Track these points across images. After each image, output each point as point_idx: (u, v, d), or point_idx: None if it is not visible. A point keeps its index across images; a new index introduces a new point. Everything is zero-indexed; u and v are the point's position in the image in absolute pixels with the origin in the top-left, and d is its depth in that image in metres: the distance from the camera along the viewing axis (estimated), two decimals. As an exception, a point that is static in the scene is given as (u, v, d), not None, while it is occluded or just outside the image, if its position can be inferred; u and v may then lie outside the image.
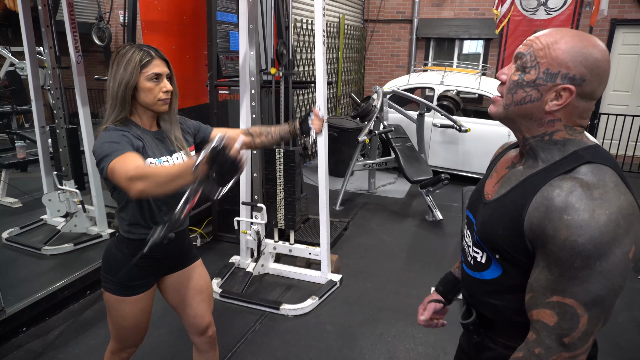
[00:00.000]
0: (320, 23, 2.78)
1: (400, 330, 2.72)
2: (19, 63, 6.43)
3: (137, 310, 1.64)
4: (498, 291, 1.00)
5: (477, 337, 1.10)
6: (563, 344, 0.86)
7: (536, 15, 7.28)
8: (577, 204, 0.82)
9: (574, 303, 0.84)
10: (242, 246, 3.35)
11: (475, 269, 1.06)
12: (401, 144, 4.94)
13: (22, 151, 4.74)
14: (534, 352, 0.89)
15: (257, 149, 1.78)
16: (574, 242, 0.81)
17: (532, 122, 0.94)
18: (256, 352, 2.51)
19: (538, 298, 0.88)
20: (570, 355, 0.87)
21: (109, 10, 8.20)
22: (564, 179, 0.87)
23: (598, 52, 0.87)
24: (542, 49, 0.89)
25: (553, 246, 0.84)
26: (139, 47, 1.48)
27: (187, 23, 3.69)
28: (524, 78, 0.91)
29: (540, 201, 0.87)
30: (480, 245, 1.02)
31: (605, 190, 0.83)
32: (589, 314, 0.84)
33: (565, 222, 0.82)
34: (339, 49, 7.20)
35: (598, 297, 0.83)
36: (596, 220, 0.80)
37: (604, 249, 0.80)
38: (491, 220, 0.98)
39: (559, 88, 0.88)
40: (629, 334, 2.74)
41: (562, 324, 0.85)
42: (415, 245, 3.98)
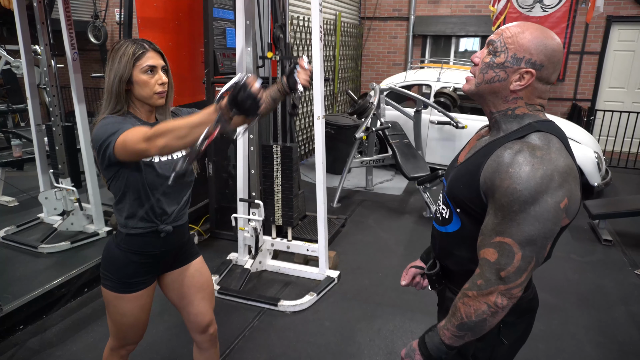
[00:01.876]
0: (317, 20, 2.78)
1: (398, 326, 2.73)
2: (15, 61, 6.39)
3: (137, 307, 1.63)
4: (457, 242, 1.17)
5: (439, 286, 1.29)
6: (500, 277, 1.01)
7: (532, 12, 7.30)
8: (521, 160, 0.98)
9: (511, 242, 0.99)
10: (240, 243, 3.35)
11: (441, 224, 1.22)
12: (398, 140, 4.95)
13: (18, 150, 4.73)
14: (476, 283, 1.04)
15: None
16: (514, 189, 0.97)
17: (498, 99, 1.10)
18: (255, 348, 2.51)
19: (485, 239, 1.04)
20: (505, 288, 1.01)
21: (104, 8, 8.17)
22: (516, 142, 1.03)
23: (555, 44, 1.04)
24: (510, 37, 1.05)
25: (498, 194, 1.00)
26: (133, 41, 1.48)
27: (183, 20, 3.68)
28: (495, 61, 1.07)
29: (494, 159, 1.03)
30: (447, 201, 1.18)
31: (547, 152, 0.99)
32: (523, 251, 0.98)
33: (509, 174, 0.98)
34: (335, 46, 7.19)
35: (531, 237, 0.97)
36: (534, 173, 0.96)
37: (537, 197, 0.96)
38: (456, 178, 1.15)
39: (522, 71, 1.04)
40: (625, 327, 2.76)
41: (500, 259, 1.00)
42: (412, 242, 3.99)
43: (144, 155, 1.34)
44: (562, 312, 2.91)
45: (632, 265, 3.58)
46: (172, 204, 1.59)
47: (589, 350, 2.55)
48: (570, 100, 7.58)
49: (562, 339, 2.64)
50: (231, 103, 1.15)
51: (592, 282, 3.32)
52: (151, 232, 1.56)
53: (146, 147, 1.28)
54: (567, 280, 3.33)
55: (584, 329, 2.73)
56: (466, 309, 1.05)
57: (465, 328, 1.06)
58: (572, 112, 7.30)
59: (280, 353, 2.48)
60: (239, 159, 3.17)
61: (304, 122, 6.42)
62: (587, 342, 2.62)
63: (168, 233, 1.59)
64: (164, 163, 1.53)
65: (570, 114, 7.33)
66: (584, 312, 2.92)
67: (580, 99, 7.54)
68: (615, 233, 4.17)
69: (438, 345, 1.11)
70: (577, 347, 2.58)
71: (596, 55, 7.34)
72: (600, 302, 3.04)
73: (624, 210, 4.00)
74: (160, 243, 1.60)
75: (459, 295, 1.08)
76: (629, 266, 3.57)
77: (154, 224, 1.56)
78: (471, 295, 1.05)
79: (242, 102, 1.14)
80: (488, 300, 1.02)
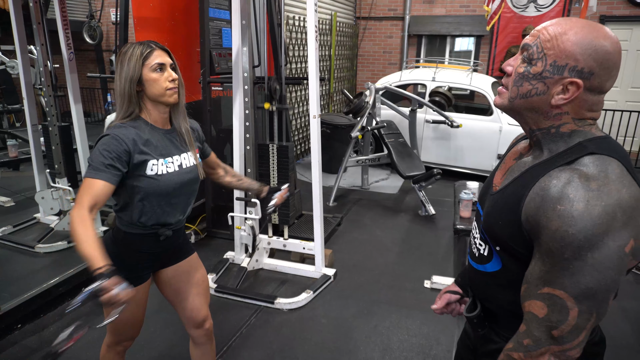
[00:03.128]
0: (312, 19, 2.80)
1: (394, 322, 2.76)
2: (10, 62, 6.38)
3: (133, 303, 1.63)
4: (500, 284, 1.00)
5: (482, 330, 1.09)
6: (552, 336, 0.85)
7: (526, 12, 7.36)
8: (572, 195, 0.80)
9: (564, 295, 0.82)
10: (237, 242, 3.37)
11: (479, 262, 1.05)
12: (394, 139, 4.98)
13: (13, 150, 4.73)
14: (523, 343, 0.89)
15: (225, 185, 1.93)
16: (564, 232, 0.79)
17: (538, 115, 0.92)
18: (252, 345, 2.53)
19: (530, 289, 0.87)
20: (559, 349, 0.85)
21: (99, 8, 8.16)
22: (564, 169, 0.85)
23: (609, 45, 0.84)
24: (549, 40, 0.86)
25: (545, 236, 0.83)
26: (139, 43, 1.50)
27: (179, 20, 3.69)
28: (530, 70, 0.89)
29: (537, 192, 0.86)
30: (484, 237, 1.02)
31: (605, 182, 0.80)
32: (579, 307, 0.82)
33: (557, 212, 0.80)
34: (331, 46, 7.22)
35: (589, 290, 0.80)
36: (590, 211, 0.78)
37: (595, 240, 0.78)
38: (493, 210, 0.97)
39: (566, 82, 0.86)
40: (617, 322, 2.80)
41: (551, 316, 0.84)
42: (408, 240, 4.02)
43: None
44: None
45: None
46: (177, 214, 1.63)
47: (581, 345, 2.59)
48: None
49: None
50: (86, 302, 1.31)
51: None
52: (151, 234, 1.59)
53: (72, 212, 1.38)
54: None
55: (577, 325, 2.77)
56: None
57: None
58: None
59: (277, 350, 2.50)
60: (235, 158, 3.19)
61: (299, 122, 6.44)
62: (579, 337, 2.66)
63: (168, 237, 1.62)
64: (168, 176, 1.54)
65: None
66: (577, 308, 2.95)
67: (574, 98, 7.59)
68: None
69: None
70: (570, 342, 2.61)
71: (589, 55, 7.39)
72: (593, 298, 3.08)
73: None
74: (159, 244, 1.63)
75: (502, 357, 0.94)
76: (621, 263, 3.61)
77: (155, 229, 1.59)
78: (517, 357, 0.90)
79: (84, 302, 1.31)
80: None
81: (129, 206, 1.53)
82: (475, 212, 1.13)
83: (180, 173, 1.58)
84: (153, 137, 1.52)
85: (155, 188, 1.51)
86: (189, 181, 1.62)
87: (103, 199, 1.40)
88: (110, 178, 1.41)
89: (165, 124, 1.58)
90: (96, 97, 9.52)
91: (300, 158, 6.56)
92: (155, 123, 1.55)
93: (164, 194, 1.54)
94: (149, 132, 1.52)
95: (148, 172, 1.49)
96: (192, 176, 1.63)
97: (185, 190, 1.62)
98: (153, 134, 1.53)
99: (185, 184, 1.60)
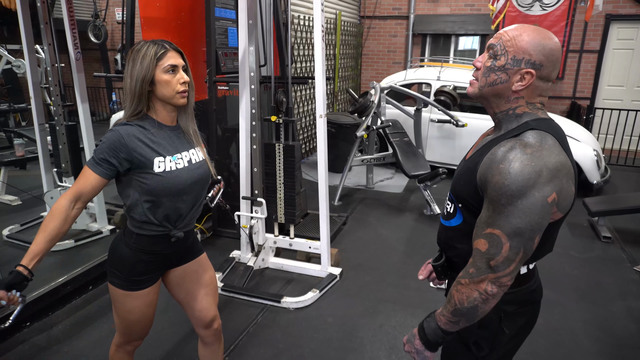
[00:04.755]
0: (319, 19, 2.80)
1: (400, 321, 2.76)
2: (16, 61, 6.42)
3: (144, 304, 1.65)
4: (459, 236, 1.22)
5: (445, 277, 1.35)
6: (490, 266, 1.06)
7: (531, 11, 7.33)
8: (511, 157, 1.03)
9: (500, 233, 1.05)
10: (243, 241, 3.38)
11: (446, 218, 1.29)
12: (399, 139, 4.98)
13: (20, 149, 4.75)
14: (469, 271, 1.11)
15: None
16: (502, 184, 1.03)
17: (501, 100, 1.15)
18: (258, 344, 2.55)
19: (478, 231, 1.10)
20: (495, 276, 1.07)
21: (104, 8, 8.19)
22: (510, 140, 1.08)
23: (552, 43, 1.09)
24: (509, 40, 1.10)
25: (489, 188, 1.06)
26: (153, 41, 1.49)
27: (185, 19, 3.71)
28: (495, 64, 1.12)
29: (489, 156, 1.09)
30: (451, 197, 1.26)
31: (538, 149, 1.03)
32: (510, 242, 1.04)
33: (499, 169, 1.04)
34: (335, 45, 7.22)
35: (518, 229, 1.03)
36: (522, 169, 1.01)
37: (524, 191, 1.01)
38: (459, 175, 1.22)
39: (523, 71, 1.09)
40: (623, 322, 2.79)
41: (490, 250, 1.06)
42: (413, 239, 4.02)
43: None
44: (561, 307, 2.94)
45: (631, 261, 3.61)
46: (187, 213, 1.62)
47: (587, 344, 2.59)
48: (569, 98, 7.62)
49: (561, 334, 2.67)
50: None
51: (591, 278, 3.36)
52: (162, 235, 1.59)
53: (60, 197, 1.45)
54: (566, 276, 3.36)
55: (583, 324, 2.77)
56: (459, 295, 1.11)
57: (458, 314, 1.12)
58: (571, 110, 7.33)
59: (284, 348, 2.51)
60: (241, 157, 3.20)
61: (304, 121, 6.45)
62: (585, 336, 2.65)
63: (179, 239, 1.62)
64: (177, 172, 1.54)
65: (569, 112, 7.37)
66: (583, 307, 2.95)
67: (579, 97, 7.57)
68: (615, 230, 4.20)
69: (435, 330, 1.18)
70: (575, 341, 2.61)
71: (595, 54, 7.37)
72: (599, 298, 3.08)
73: (623, 207, 4.03)
74: (171, 245, 1.62)
75: (454, 283, 1.15)
76: (627, 262, 3.60)
77: (167, 229, 1.58)
78: (464, 282, 1.11)
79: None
80: (479, 287, 1.08)
81: (138, 205, 1.52)
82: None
83: (190, 169, 1.57)
84: (160, 134, 1.53)
85: (165, 185, 1.50)
86: (199, 177, 1.61)
87: (91, 191, 1.47)
88: (102, 172, 1.45)
89: (173, 122, 1.59)
90: (101, 96, 9.56)
91: (305, 157, 6.57)
92: (163, 121, 1.55)
93: (174, 191, 1.53)
94: (156, 130, 1.52)
95: (155, 169, 1.49)
96: (202, 171, 1.63)
97: (195, 187, 1.61)
98: (160, 132, 1.53)
99: (196, 181, 1.60)
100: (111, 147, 1.44)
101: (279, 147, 3.20)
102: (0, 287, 1.34)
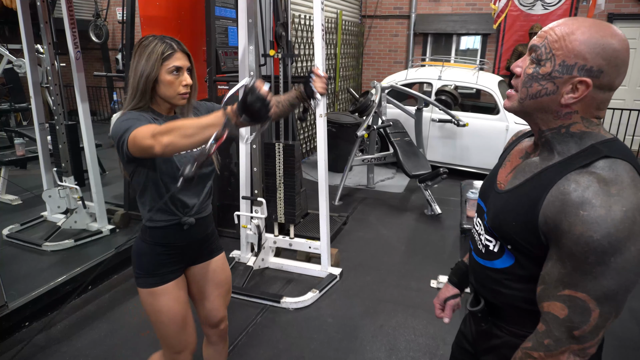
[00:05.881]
0: (319, 18, 2.79)
1: (400, 322, 2.75)
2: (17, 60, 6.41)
3: (171, 300, 1.60)
4: (509, 280, 1.01)
5: (485, 324, 1.10)
6: (573, 336, 0.87)
7: (533, 10, 7.31)
8: (594, 200, 0.81)
9: (586, 297, 0.84)
10: (242, 241, 3.37)
11: (486, 257, 1.06)
12: (400, 138, 4.96)
13: (21, 148, 4.75)
14: (543, 342, 0.90)
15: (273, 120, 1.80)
16: (589, 237, 0.80)
17: (548, 115, 0.93)
18: (258, 344, 2.53)
19: (549, 290, 0.89)
20: (580, 348, 0.87)
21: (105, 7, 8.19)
22: (581, 173, 0.86)
23: (617, 42, 0.85)
24: (557, 41, 0.87)
25: (567, 241, 0.83)
26: (162, 39, 1.46)
27: (185, 18, 3.70)
28: (539, 71, 0.90)
29: (556, 195, 0.86)
30: (492, 233, 1.03)
31: (622, 186, 0.82)
32: (601, 308, 0.84)
33: (581, 218, 0.81)
34: (336, 44, 7.21)
35: (611, 293, 0.83)
36: (612, 217, 0.79)
37: (619, 246, 0.80)
38: (504, 210, 0.97)
39: (575, 81, 0.87)
40: (626, 323, 2.77)
41: (572, 317, 0.86)
42: (414, 239, 4.01)
43: (151, 153, 1.27)
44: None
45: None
46: (192, 197, 1.59)
47: (589, 346, 2.57)
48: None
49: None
50: (240, 107, 1.14)
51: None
52: (174, 225, 1.56)
53: (151, 144, 1.23)
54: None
55: (585, 325, 2.75)
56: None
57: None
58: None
59: (283, 349, 2.50)
60: (241, 156, 3.19)
61: (305, 121, 6.43)
62: (587, 338, 2.64)
63: (191, 225, 1.59)
64: (182, 157, 1.51)
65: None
66: (585, 309, 2.93)
67: (581, 96, 7.54)
68: (616, 230, 4.18)
69: None
70: (578, 343, 2.59)
71: (597, 53, 7.34)
72: (601, 299, 3.06)
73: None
74: (184, 235, 1.60)
75: (520, 354, 0.96)
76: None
77: (177, 217, 1.56)
78: (537, 356, 0.91)
79: (251, 105, 1.12)
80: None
81: (147, 190, 1.50)
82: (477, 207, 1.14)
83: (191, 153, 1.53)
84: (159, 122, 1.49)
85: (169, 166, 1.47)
86: None
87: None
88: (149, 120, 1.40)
89: (170, 112, 1.58)
90: (102, 96, 9.56)
91: (305, 157, 6.55)
92: (162, 112, 1.55)
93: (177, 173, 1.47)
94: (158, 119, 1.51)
95: None
96: None
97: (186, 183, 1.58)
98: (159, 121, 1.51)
99: None
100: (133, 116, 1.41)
101: (279, 146, 3.19)
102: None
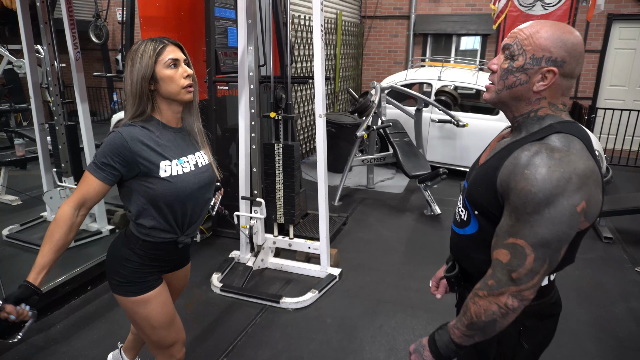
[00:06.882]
0: (318, 18, 2.79)
1: (399, 322, 2.75)
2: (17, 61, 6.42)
3: (159, 305, 1.59)
4: (475, 245, 1.15)
5: (458, 288, 1.28)
6: (511, 278, 1.00)
7: (533, 11, 7.30)
8: (538, 162, 0.95)
9: (524, 243, 0.97)
10: (242, 241, 3.37)
11: (459, 226, 1.21)
12: (399, 139, 4.96)
13: (21, 149, 4.75)
14: (487, 283, 1.04)
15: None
16: (528, 191, 0.95)
17: (521, 103, 1.08)
18: (257, 344, 2.53)
19: (498, 240, 1.03)
20: (516, 289, 1.00)
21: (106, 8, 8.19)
22: (534, 144, 1.00)
23: (574, 37, 1.01)
24: (526, 39, 1.03)
25: (513, 195, 0.98)
26: (151, 39, 1.44)
27: (185, 19, 3.70)
28: (513, 65, 1.05)
29: (511, 161, 1.01)
30: (466, 204, 1.17)
31: (566, 154, 0.96)
32: (535, 254, 0.97)
33: (524, 175, 0.96)
34: (336, 45, 7.21)
35: (544, 240, 0.96)
36: (550, 175, 0.93)
37: (552, 199, 0.93)
38: (475, 180, 1.13)
39: (544, 70, 1.02)
40: (626, 324, 2.77)
41: (512, 261, 0.99)
42: (413, 239, 4.00)
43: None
44: (562, 308, 2.92)
45: (633, 262, 3.59)
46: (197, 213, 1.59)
47: (589, 346, 2.57)
48: (571, 98, 7.59)
49: (562, 335, 2.65)
50: None
51: (593, 279, 3.34)
52: (170, 242, 1.55)
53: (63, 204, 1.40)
54: (567, 277, 3.34)
55: (585, 325, 2.75)
56: (476, 308, 1.05)
57: (474, 328, 1.06)
58: (572, 110, 7.30)
59: (282, 349, 2.50)
60: (240, 157, 3.19)
61: (304, 121, 6.43)
62: (587, 338, 2.64)
63: (186, 245, 1.59)
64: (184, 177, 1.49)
65: (571, 112, 7.34)
66: (585, 309, 2.93)
67: (581, 97, 7.55)
68: (616, 230, 4.18)
69: (447, 344, 1.11)
70: (577, 343, 2.59)
71: (597, 54, 7.35)
72: (601, 299, 3.06)
73: (625, 207, 4.01)
74: (177, 251, 1.60)
75: (471, 294, 1.08)
76: (629, 263, 3.58)
77: (176, 235, 1.55)
78: (482, 295, 1.04)
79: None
80: (499, 301, 1.01)
81: (146, 211, 1.47)
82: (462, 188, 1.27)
83: (197, 173, 1.52)
84: (165, 136, 1.47)
85: (172, 191, 1.45)
86: (205, 181, 1.57)
87: (94, 198, 1.41)
88: (105, 178, 1.39)
89: (178, 123, 1.53)
90: (102, 96, 9.57)
91: (305, 157, 6.55)
92: (169, 123, 1.50)
93: (181, 197, 1.48)
94: (161, 132, 1.46)
95: (161, 174, 1.43)
96: (208, 175, 1.58)
97: (202, 191, 1.56)
98: (164, 133, 1.47)
99: (202, 185, 1.55)
100: (113, 150, 1.38)
101: (279, 147, 3.19)
102: (9, 301, 1.29)
